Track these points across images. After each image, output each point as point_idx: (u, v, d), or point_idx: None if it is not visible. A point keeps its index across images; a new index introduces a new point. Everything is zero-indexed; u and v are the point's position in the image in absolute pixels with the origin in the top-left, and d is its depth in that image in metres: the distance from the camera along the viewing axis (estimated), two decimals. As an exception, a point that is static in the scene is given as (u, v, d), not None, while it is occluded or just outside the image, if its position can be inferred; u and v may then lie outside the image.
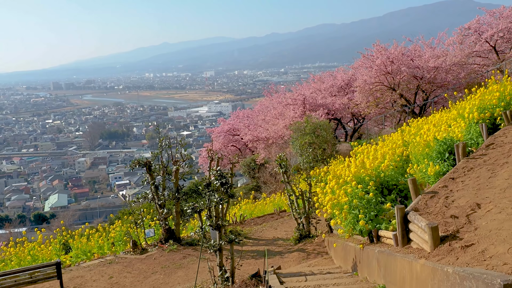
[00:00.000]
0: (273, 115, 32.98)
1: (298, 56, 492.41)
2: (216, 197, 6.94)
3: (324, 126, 23.73)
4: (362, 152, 10.06)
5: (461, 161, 7.02)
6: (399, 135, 12.59)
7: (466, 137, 9.12)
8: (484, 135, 8.63)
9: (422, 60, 26.86)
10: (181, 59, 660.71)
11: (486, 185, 5.55)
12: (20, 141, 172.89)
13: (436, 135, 8.29)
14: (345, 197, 6.25)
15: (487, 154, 7.17)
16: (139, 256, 9.12)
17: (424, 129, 9.81)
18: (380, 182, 7.15)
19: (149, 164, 9.38)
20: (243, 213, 13.81)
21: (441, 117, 11.23)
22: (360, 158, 7.90)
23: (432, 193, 5.70)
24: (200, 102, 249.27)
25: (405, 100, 28.18)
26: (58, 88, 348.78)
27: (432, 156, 7.76)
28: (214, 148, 38.58)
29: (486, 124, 8.68)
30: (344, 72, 34.80)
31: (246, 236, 10.43)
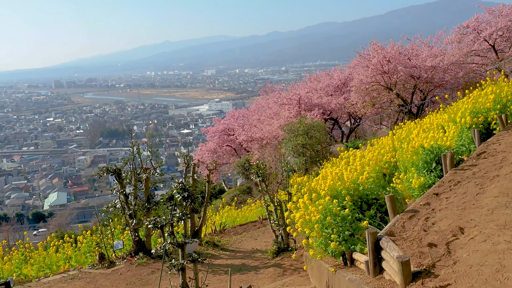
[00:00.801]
0: (268, 114, 32.33)
1: (299, 54, 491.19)
2: (178, 212, 6.31)
3: (317, 127, 23.05)
4: (348, 158, 9.39)
5: (449, 173, 6.35)
6: (390, 138, 11.91)
7: (458, 143, 8.44)
8: (476, 142, 7.95)
9: (419, 59, 26.16)
10: (183, 57, 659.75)
11: (473, 204, 4.88)
12: (21, 139, 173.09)
13: (423, 142, 7.61)
14: (318, 214, 5.59)
15: (477, 164, 6.50)
16: (105, 271, 8.47)
17: (413, 134, 9.13)
18: (359, 196, 6.49)
19: (118, 172, 8.73)
20: (223, 221, 13.15)
21: (431, 121, 10.53)
22: (338, 168, 7.23)
23: (412, 213, 5.04)
24: (201, 100, 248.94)
25: (402, 100, 27.50)
26: (59, 86, 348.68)
27: (418, 165, 7.09)
28: (209, 148, 37.98)
29: (478, 130, 7.98)
30: (341, 71, 34.09)
31: (223, 247, 9.77)
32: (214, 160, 9.73)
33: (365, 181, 6.53)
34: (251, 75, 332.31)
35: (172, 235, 6.10)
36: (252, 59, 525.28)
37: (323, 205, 5.81)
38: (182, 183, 6.86)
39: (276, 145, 29.77)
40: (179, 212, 6.24)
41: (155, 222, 6.22)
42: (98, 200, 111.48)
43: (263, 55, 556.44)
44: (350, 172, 6.83)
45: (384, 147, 10.85)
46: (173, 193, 6.79)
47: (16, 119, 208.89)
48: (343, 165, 7.45)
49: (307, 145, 22.76)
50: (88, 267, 8.80)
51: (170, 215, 6.17)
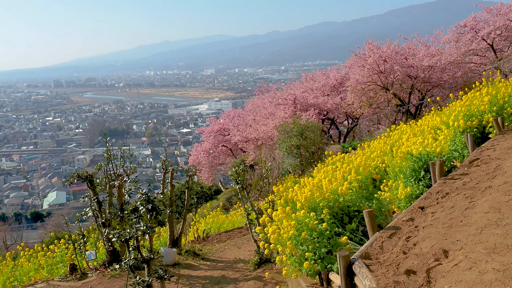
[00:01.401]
0: (263, 115, 31.84)
1: (299, 54, 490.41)
2: (142, 225, 5.82)
3: (312, 128, 22.55)
4: (333, 165, 8.88)
5: (437, 183, 5.84)
6: (382, 141, 11.39)
7: (451, 148, 7.93)
8: (470, 148, 7.43)
9: (416, 58, 25.66)
10: (182, 57, 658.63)
11: (460, 221, 4.38)
12: (20, 139, 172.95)
13: (412, 148, 7.10)
14: (292, 229, 5.09)
15: (468, 173, 5.98)
16: (75, 283, 7.97)
17: (403, 138, 8.62)
18: (340, 208, 5.99)
19: (90, 178, 8.22)
20: (207, 227, 12.61)
21: (425, 124, 10.01)
22: (318, 177, 6.71)
23: (393, 230, 4.53)
24: (201, 99, 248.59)
25: (399, 100, 26.99)
26: (58, 86, 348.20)
27: (406, 174, 6.58)
28: (204, 149, 37.49)
29: (472, 135, 7.45)
30: (337, 71, 33.57)
31: (204, 256, 9.26)
32: (194, 165, 9.24)
33: (346, 192, 6.02)
34: (251, 75, 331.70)
35: (136, 250, 5.61)
36: (251, 58, 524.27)
37: (298, 220, 5.30)
38: (146, 194, 6.37)
39: (271, 145, 29.29)
40: (143, 225, 5.75)
41: (119, 235, 5.73)
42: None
43: (263, 54, 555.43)
44: (330, 182, 6.31)
45: (375, 151, 10.35)
46: (137, 205, 6.30)
47: (15, 119, 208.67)
48: (322, 174, 6.89)
49: (302, 146, 22.27)
50: (58, 279, 8.31)
51: (135, 228, 5.68)
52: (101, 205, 8.19)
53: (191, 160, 38.68)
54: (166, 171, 8.95)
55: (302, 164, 22.62)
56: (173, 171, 8.92)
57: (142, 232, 5.80)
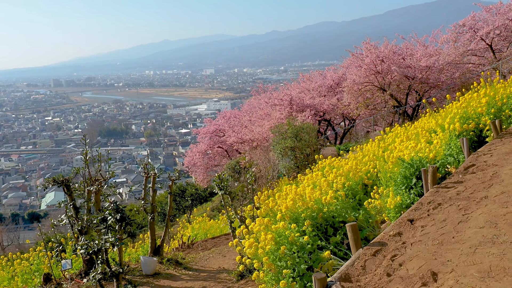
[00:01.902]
0: (259, 115, 31.42)
1: (299, 54, 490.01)
2: (110, 237, 5.39)
3: (307, 129, 22.14)
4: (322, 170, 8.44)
5: (429, 192, 5.40)
6: (375, 145, 10.96)
7: (446, 153, 7.50)
8: (465, 152, 7.00)
9: (414, 59, 25.24)
10: (181, 56, 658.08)
11: (452, 237, 3.94)
12: (19, 138, 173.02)
13: (403, 153, 6.66)
14: (270, 243, 4.65)
15: (463, 181, 5.54)
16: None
17: (396, 142, 8.18)
18: (325, 218, 5.54)
19: (66, 183, 7.77)
20: (194, 233, 12.11)
21: (417, 127, 9.56)
22: (302, 185, 6.25)
23: (378, 246, 4.10)
24: (200, 99, 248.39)
25: (396, 101, 26.57)
26: (58, 85, 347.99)
27: (396, 181, 6.14)
28: (200, 150, 37.03)
29: (467, 139, 7.01)
30: (334, 71, 33.14)
31: (187, 265, 8.80)
32: (177, 170, 8.83)
33: (331, 201, 5.58)
34: (250, 75, 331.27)
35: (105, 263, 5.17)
36: (251, 58, 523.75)
37: (277, 232, 4.87)
38: (115, 203, 5.93)
39: (266, 147, 28.87)
40: (112, 237, 5.33)
41: (87, 246, 5.29)
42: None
43: (262, 54, 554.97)
44: (314, 190, 5.87)
45: (368, 154, 9.92)
46: (105, 215, 5.86)
47: (15, 118, 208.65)
48: (306, 182, 6.41)
49: (296, 148, 21.86)
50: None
51: (103, 240, 5.25)
52: (79, 211, 7.75)
53: (186, 161, 38.25)
54: (148, 175, 8.49)
55: (297, 166, 22.21)
56: (155, 175, 8.46)
57: (111, 244, 5.37)
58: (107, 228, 5.71)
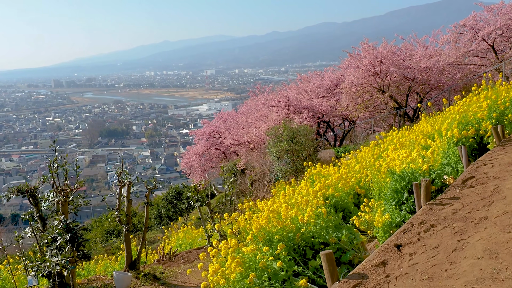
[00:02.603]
0: (256, 117, 30.84)
1: (299, 54, 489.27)
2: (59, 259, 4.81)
3: (304, 132, 21.52)
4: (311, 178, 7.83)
5: (422, 209, 4.81)
6: (370, 151, 10.35)
7: (443, 161, 6.90)
8: (464, 162, 6.40)
9: (414, 60, 24.63)
10: (182, 57, 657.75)
11: (445, 270, 3.35)
12: (20, 138, 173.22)
13: (394, 163, 6.07)
14: (237, 270, 4.07)
15: (460, 197, 4.95)
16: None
17: (389, 149, 7.58)
18: (304, 238, 4.94)
19: (32, 192, 7.19)
20: (177, 244, 11.43)
21: (416, 131, 8.95)
22: (280, 199, 5.62)
23: (357, 280, 3.51)
24: (200, 100, 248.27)
25: (396, 103, 25.96)
26: (59, 86, 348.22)
27: (386, 195, 5.55)
28: (196, 151, 36.46)
29: (466, 147, 6.40)
30: (332, 72, 32.52)
31: (165, 281, 8.18)
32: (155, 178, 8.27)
33: (309, 220, 4.98)
34: (251, 75, 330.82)
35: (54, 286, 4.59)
36: (251, 59, 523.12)
37: (246, 256, 4.28)
38: (64, 221, 5.35)
39: (263, 149, 28.31)
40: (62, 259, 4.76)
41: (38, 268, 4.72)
42: (96, 200, 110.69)
43: (263, 55, 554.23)
44: (290, 208, 5.25)
45: (362, 161, 9.33)
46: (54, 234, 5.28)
47: (16, 118, 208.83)
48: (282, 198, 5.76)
49: (292, 151, 21.26)
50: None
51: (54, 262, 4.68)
52: (46, 223, 7.16)
53: (183, 163, 37.72)
54: (123, 184, 7.88)
55: (295, 170, 21.62)
56: (129, 184, 7.87)
57: (62, 266, 4.80)
58: (57, 249, 5.14)
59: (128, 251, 7.98)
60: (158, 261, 9.36)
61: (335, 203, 7.07)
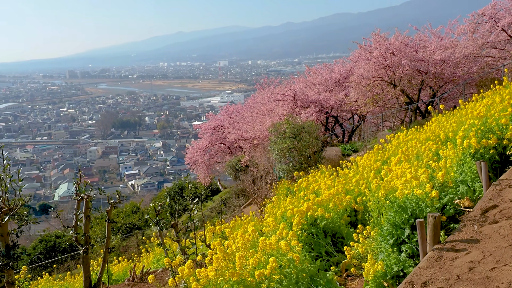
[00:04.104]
0: (261, 111, 29.54)
1: (313, 46, 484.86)
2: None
3: (308, 128, 20.20)
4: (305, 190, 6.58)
5: (427, 257, 3.57)
6: (373, 157, 9.06)
7: (458, 178, 5.62)
8: (483, 181, 5.10)
9: (427, 51, 23.10)
10: (195, 48, 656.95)
11: None
12: (34, 129, 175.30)
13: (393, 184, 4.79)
14: None
15: (480, 240, 3.68)
16: None
17: (392, 161, 6.29)
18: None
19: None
20: (154, 259, 10.24)
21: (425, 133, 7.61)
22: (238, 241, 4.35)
23: None
24: (213, 91, 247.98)
25: (408, 97, 24.47)
26: (73, 77, 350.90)
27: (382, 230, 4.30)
28: (201, 146, 35.32)
29: (486, 164, 5.09)
30: (342, 64, 31.04)
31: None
32: (119, 191, 7.31)
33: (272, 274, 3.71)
34: (264, 67, 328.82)
35: None
36: (265, 50, 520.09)
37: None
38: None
39: (267, 145, 27.10)
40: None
41: None
42: (107, 191, 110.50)
43: (276, 46, 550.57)
44: (247, 253, 3.98)
45: (361, 172, 8.04)
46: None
47: (31, 109, 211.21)
48: (240, 239, 4.49)
49: (296, 149, 19.99)
50: None
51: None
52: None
53: (187, 158, 36.66)
54: (81, 198, 6.74)
55: (299, 169, 20.37)
56: (88, 198, 6.73)
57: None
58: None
59: (87, 275, 6.85)
60: (129, 280, 8.26)
61: (325, 226, 5.84)
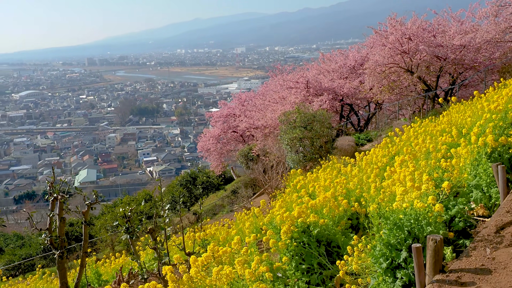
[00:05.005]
0: (273, 99, 28.78)
1: (331, 31, 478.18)
2: None
3: (320, 117, 19.42)
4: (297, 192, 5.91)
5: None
6: (380, 152, 8.29)
7: (471, 182, 4.87)
8: (500, 187, 4.36)
9: (446, 36, 21.94)
10: (213, 35, 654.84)
11: None
12: (55, 116, 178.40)
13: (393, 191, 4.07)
14: None
15: (492, 271, 2.97)
16: None
17: (396, 162, 5.55)
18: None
19: None
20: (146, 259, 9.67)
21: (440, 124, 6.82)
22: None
23: None
24: (230, 78, 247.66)
25: (425, 84, 23.40)
26: (92, 64, 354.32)
27: (375, 251, 3.58)
28: (213, 134, 34.79)
29: (503, 168, 4.33)
30: (358, 50, 29.94)
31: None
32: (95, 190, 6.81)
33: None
34: (281, 53, 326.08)
35: None
36: (282, 36, 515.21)
37: None
38: None
39: (278, 135, 26.42)
40: None
41: None
42: (127, 178, 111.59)
43: (294, 32, 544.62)
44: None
45: (365, 169, 7.32)
46: None
47: (51, 96, 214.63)
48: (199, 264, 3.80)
49: (306, 139, 19.25)
50: None
51: None
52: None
53: (199, 146, 36.20)
54: (55, 198, 6.18)
55: (309, 159, 19.66)
56: (62, 199, 6.16)
57: None
58: None
59: (63, 280, 6.35)
60: (115, 283, 7.75)
61: (318, 234, 5.16)
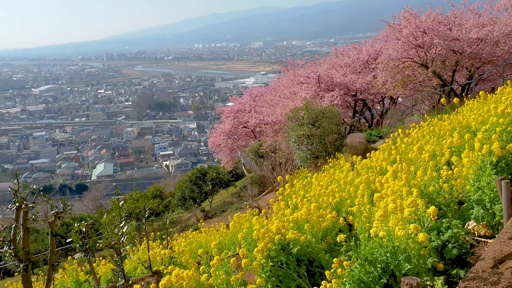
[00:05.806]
0: (283, 94, 28.17)
1: (349, 25, 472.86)
2: None
3: (329, 114, 18.78)
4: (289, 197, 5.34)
5: None
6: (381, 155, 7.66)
7: (472, 197, 4.25)
8: (505, 205, 3.74)
9: (463, 29, 21.00)
10: (230, 29, 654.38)
11: None
12: (73, 110, 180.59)
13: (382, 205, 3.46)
14: None
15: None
16: None
17: (389, 170, 4.94)
18: None
19: None
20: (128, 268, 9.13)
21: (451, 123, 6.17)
22: None
23: None
24: (247, 73, 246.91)
25: (440, 79, 22.50)
26: (110, 59, 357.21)
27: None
28: (223, 130, 34.34)
29: (508, 184, 3.70)
30: (371, 44, 29.07)
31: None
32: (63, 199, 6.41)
33: None
34: (299, 47, 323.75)
35: None
36: (299, 31, 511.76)
37: None
38: None
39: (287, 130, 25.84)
40: None
41: None
42: (143, 172, 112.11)
43: (311, 26, 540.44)
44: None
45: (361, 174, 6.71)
46: None
47: (70, 91, 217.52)
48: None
49: (314, 136, 18.62)
50: None
51: None
52: None
53: (210, 142, 35.91)
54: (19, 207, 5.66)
55: (318, 157, 19.05)
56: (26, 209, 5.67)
57: None
58: None
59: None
60: None
61: (298, 252, 4.60)
